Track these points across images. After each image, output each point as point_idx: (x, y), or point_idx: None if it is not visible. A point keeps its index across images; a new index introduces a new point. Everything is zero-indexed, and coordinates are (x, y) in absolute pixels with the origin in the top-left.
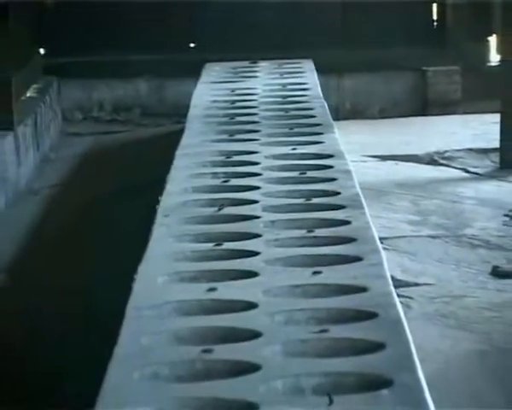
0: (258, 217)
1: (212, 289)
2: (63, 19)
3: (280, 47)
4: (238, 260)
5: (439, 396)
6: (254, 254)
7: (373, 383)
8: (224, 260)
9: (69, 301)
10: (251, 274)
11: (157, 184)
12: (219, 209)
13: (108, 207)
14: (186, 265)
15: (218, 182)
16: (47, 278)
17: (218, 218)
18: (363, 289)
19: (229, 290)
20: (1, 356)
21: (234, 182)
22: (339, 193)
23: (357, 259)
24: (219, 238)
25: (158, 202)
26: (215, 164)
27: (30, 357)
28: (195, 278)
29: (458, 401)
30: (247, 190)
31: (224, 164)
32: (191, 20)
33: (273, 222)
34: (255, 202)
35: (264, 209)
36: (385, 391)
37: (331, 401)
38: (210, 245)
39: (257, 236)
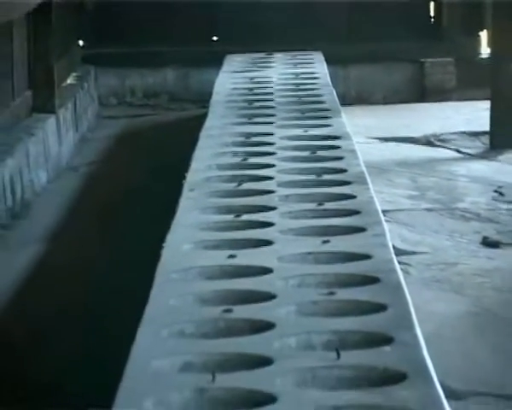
0: (273, 191)
1: (232, 256)
2: (100, 14)
3: (293, 40)
4: (255, 230)
5: (436, 353)
6: (270, 224)
7: (376, 340)
8: (242, 230)
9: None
10: (267, 243)
11: (183, 162)
12: (239, 185)
13: (140, 181)
14: (209, 234)
15: (238, 160)
16: (86, 246)
17: (237, 192)
18: (367, 257)
19: (248, 257)
20: None
21: (252, 160)
22: (345, 170)
23: (362, 229)
24: (239, 210)
25: (184, 177)
26: (235, 144)
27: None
28: (217, 245)
29: (452, 357)
30: (263, 168)
31: (244, 144)
32: (214, 17)
33: (287, 196)
34: (271, 178)
35: (279, 185)
36: (387, 348)
37: (339, 356)
38: (230, 217)
39: (272, 208)
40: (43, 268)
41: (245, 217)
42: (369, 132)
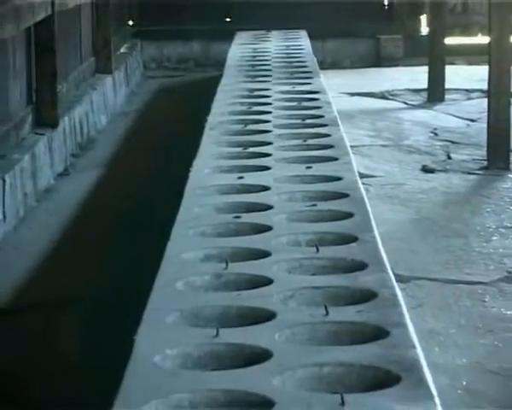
0: (270, 131)
1: (240, 177)
2: (144, 2)
3: (285, 21)
4: (257, 159)
5: (388, 249)
6: (268, 155)
7: (345, 239)
8: (248, 158)
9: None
10: (266, 168)
11: (205, 109)
12: (245, 126)
13: (174, 121)
14: (223, 161)
15: (244, 108)
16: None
17: (244, 131)
18: (339, 179)
19: (252, 178)
20: None
21: (255, 108)
22: (323, 116)
23: (335, 159)
24: (245, 144)
25: (206, 120)
26: (243, 96)
27: None
28: (229, 170)
29: (400, 252)
30: (263, 114)
31: (249, 96)
32: (228, 4)
33: (280, 135)
34: (268, 121)
35: (275, 126)
36: (354, 244)
37: (318, 250)
38: (239, 149)
39: (269, 143)
40: (105, 183)
41: (250, 149)
42: (340, 89)
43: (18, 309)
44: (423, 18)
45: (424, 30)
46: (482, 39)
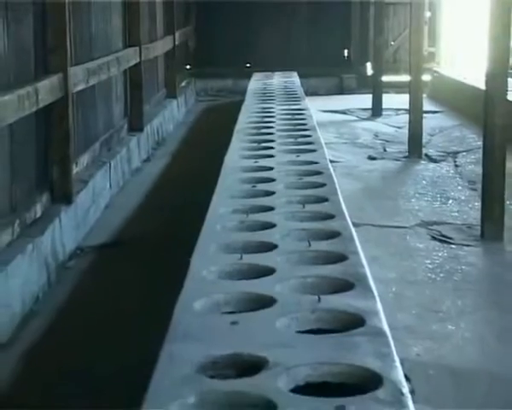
0: (273, 134)
1: (255, 162)
2: (196, 52)
3: (284, 65)
4: (266, 150)
5: (347, 206)
6: (272, 148)
7: (321, 199)
8: (261, 150)
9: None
10: (271, 156)
11: (234, 120)
12: (259, 130)
13: (214, 127)
14: (245, 152)
15: (259, 119)
16: (193, 154)
17: (258, 133)
18: (317, 163)
19: (263, 161)
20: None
21: (265, 119)
22: (307, 124)
23: (315, 151)
24: (259, 141)
25: (233, 127)
26: (258, 112)
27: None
28: (249, 157)
29: (354, 208)
30: (269, 122)
31: (262, 112)
32: (248, 55)
33: (280, 135)
34: (273, 127)
35: (277, 131)
36: (326, 203)
37: (303, 206)
38: (255, 144)
39: (273, 141)
40: (173, 165)
41: (262, 144)
42: (317, 108)
43: (118, 243)
44: (368, 65)
45: (369, 72)
46: (405, 78)
